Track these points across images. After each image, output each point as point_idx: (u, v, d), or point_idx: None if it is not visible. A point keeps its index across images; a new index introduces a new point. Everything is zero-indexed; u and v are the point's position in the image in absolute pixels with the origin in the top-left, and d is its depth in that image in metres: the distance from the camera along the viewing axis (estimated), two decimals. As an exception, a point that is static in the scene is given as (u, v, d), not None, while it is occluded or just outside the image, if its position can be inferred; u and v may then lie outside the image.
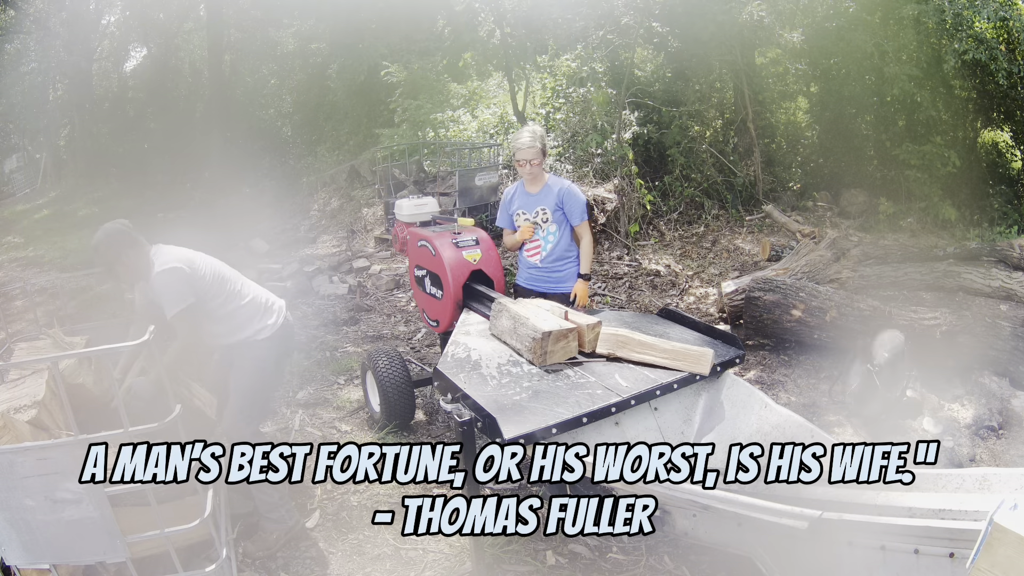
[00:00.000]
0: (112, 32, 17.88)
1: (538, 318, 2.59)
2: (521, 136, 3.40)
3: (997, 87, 7.51)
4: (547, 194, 3.46)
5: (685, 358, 2.46)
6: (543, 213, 3.47)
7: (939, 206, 7.55)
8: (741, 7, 7.35)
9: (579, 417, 2.18)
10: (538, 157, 3.37)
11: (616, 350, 2.53)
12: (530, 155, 3.36)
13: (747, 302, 4.86)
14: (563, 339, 2.49)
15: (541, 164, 3.41)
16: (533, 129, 3.43)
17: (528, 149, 3.36)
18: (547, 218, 3.46)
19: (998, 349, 4.05)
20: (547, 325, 2.50)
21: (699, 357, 2.44)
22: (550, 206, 3.45)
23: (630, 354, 2.52)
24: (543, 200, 3.47)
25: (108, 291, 6.57)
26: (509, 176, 8.87)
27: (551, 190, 3.46)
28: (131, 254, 2.66)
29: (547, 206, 3.46)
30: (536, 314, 2.65)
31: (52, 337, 2.93)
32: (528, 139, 3.37)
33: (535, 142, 3.36)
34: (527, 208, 3.50)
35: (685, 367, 2.45)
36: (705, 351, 2.45)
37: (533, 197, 3.49)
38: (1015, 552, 1.31)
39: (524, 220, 3.50)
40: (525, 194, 3.53)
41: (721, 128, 8.89)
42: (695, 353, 2.45)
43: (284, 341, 2.96)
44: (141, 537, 1.94)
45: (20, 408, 2.28)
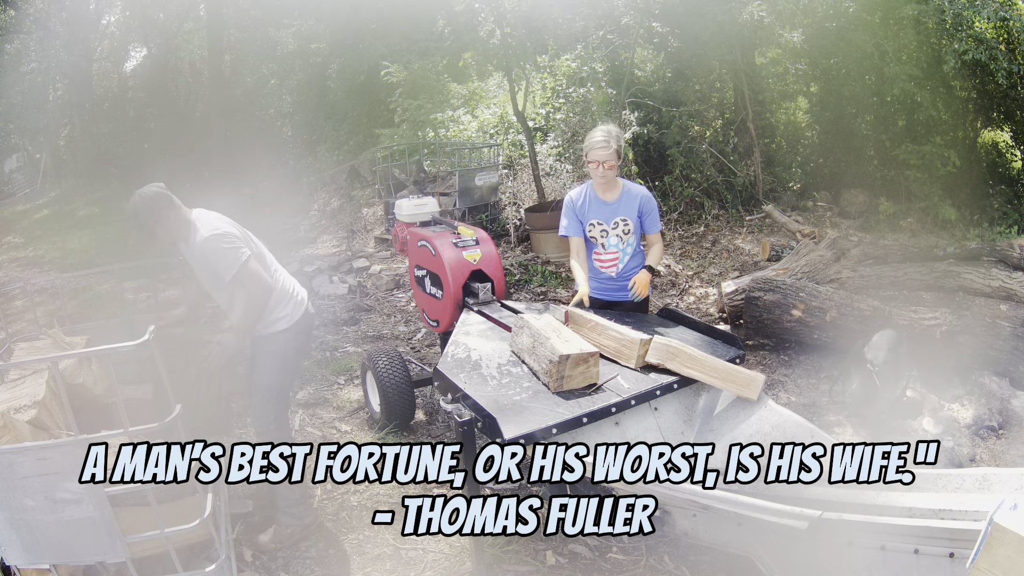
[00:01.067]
0: (112, 32, 17.88)
1: (560, 338, 2.41)
2: (595, 134, 3.01)
3: (997, 87, 7.51)
4: (628, 202, 3.12)
5: (736, 380, 2.36)
6: (624, 224, 3.12)
7: (939, 206, 7.55)
8: (741, 7, 7.34)
9: (579, 417, 2.18)
10: (613, 159, 2.98)
11: (666, 361, 2.44)
12: (604, 156, 2.97)
13: (747, 302, 4.86)
14: (583, 364, 2.32)
15: (616, 167, 3.03)
16: (608, 128, 3.04)
17: (602, 149, 2.97)
18: (628, 229, 3.13)
19: (998, 349, 4.05)
20: (567, 348, 2.32)
21: (749, 381, 2.34)
22: (632, 216, 3.11)
23: (680, 367, 2.42)
24: (624, 210, 3.12)
25: (108, 291, 6.57)
26: (509, 176, 8.87)
27: (632, 198, 3.12)
28: (171, 216, 2.66)
29: (629, 216, 3.11)
30: (559, 333, 2.48)
31: (52, 337, 2.93)
32: (602, 137, 2.98)
33: (610, 141, 2.98)
34: (604, 219, 3.14)
35: (734, 389, 2.37)
36: (756, 376, 2.35)
37: (610, 206, 3.12)
38: (1015, 552, 1.31)
39: (601, 231, 3.17)
40: (599, 202, 3.13)
41: (721, 128, 8.89)
42: (746, 377, 2.35)
43: (305, 333, 2.95)
44: (141, 537, 1.94)
45: (20, 408, 2.27)
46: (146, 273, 6.24)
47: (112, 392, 2.59)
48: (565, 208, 3.22)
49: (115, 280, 6.73)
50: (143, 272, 6.43)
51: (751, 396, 2.34)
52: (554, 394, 2.30)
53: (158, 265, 5.69)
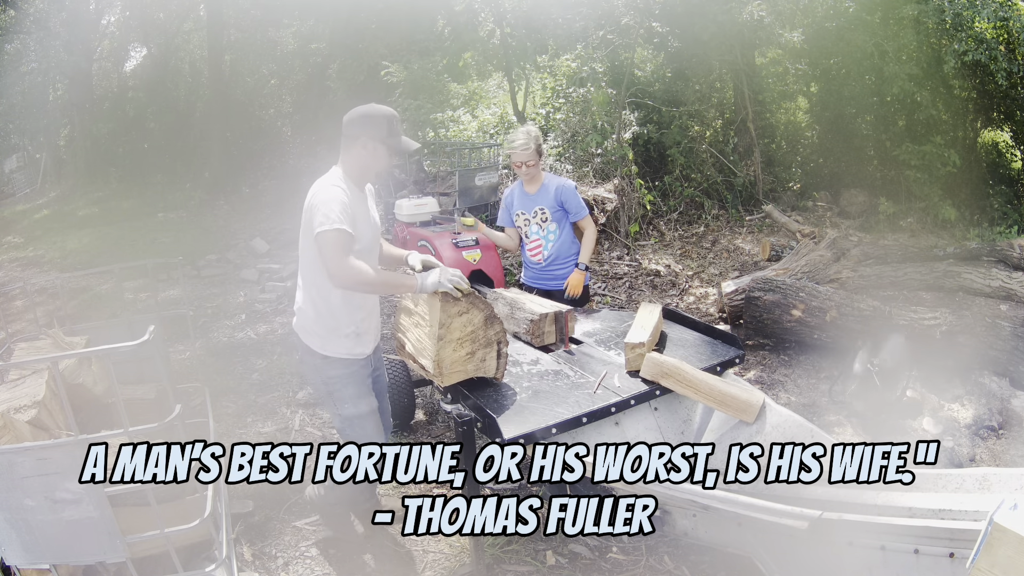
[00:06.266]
0: (112, 32, 17.86)
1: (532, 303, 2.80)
2: (516, 139, 3.40)
3: (997, 87, 7.51)
4: (544, 193, 3.47)
5: (731, 404, 2.30)
6: (542, 213, 3.47)
7: (939, 206, 7.54)
8: (741, 7, 7.34)
9: (579, 417, 2.18)
10: (533, 158, 3.37)
11: (660, 378, 2.39)
12: (524, 156, 3.37)
13: (747, 302, 4.86)
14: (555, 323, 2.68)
15: (537, 165, 3.41)
16: (528, 130, 3.42)
17: (522, 151, 3.36)
18: (546, 217, 3.47)
19: (998, 349, 4.04)
20: (542, 309, 2.72)
21: (745, 407, 2.28)
22: (549, 205, 3.46)
23: (674, 385, 2.38)
24: (541, 200, 3.48)
25: (108, 291, 6.58)
26: (509, 176, 8.87)
27: (548, 189, 3.47)
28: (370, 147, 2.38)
29: (546, 205, 3.46)
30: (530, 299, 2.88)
31: (52, 337, 2.93)
32: (522, 140, 3.36)
33: (529, 143, 3.36)
34: (526, 208, 3.51)
35: (730, 413, 2.32)
36: (751, 402, 2.28)
37: (531, 197, 3.50)
38: (1015, 552, 1.31)
39: (524, 220, 3.52)
40: (524, 194, 3.53)
41: (721, 128, 8.89)
42: (741, 402, 2.29)
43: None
44: (141, 537, 1.94)
45: (20, 408, 2.27)
46: (146, 273, 6.26)
47: (112, 392, 2.59)
48: (501, 203, 3.68)
49: (115, 280, 6.73)
50: (143, 272, 6.45)
51: (747, 419, 2.28)
52: (553, 394, 2.30)
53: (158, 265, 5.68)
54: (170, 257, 3.54)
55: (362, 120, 2.36)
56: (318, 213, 2.21)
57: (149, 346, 1.88)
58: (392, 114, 2.40)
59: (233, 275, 7.38)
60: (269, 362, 4.88)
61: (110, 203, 13.19)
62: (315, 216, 2.21)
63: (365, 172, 2.42)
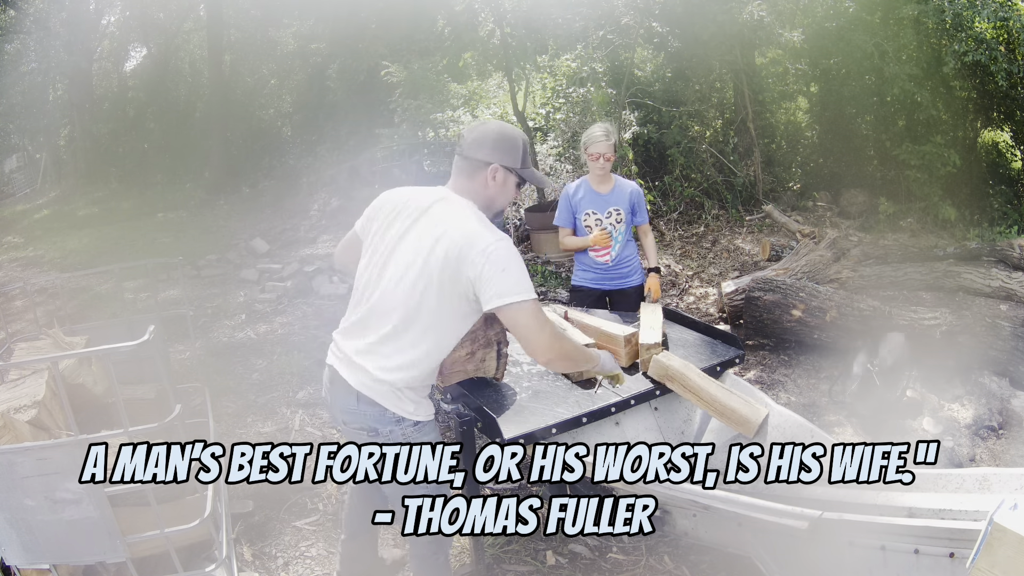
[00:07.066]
0: (112, 32, 17.87)
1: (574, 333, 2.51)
2: (594, 131, 3.29)
3: (997, 87, 7.50)
4: (619, 194, 3.38)
5: (731, 417, 2.26)
6: (616, 213, 3.37)
7: (939, 206, 7.54)
8: (741, 7, 7.35)
9: (579, 417, 2.18)
10: (611, 151, 3.28)
11: (665, 381, 2.37)
12: (604, 148, 3.25)
13: (747, 302, 4.86)
14: None
15: (612, 160, 3.33)
16: (606, 125, 3.35)
17: (602, 142, 3.25)
18: (620, 219, 3.38)
19: (998, 349, 4.05)
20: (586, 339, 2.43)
21: (744, 422, 2.23)
22: (624, 207, 3.37)
23: (677, 389, 2.35)
24: (616, 200, 3.37)
25: (108, 291, 6.58)
26: (509, 176, 8.85)
27: (623, 190, 3.39)
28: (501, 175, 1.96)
29: (621, 207, 3.36)
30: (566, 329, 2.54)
31: (52, 337, 2.93)
32: (602, 132, 3.27)
33: (609, 135, 3.27)
34: (598, 208, 3.37)
35: (729, 425, 2.28)
36: (752, 418, 2.22)
37: (604, 197, 3.37)
38: (1015, 552, 1.31)
39: (595, 220, 3.38)
40: (594, 193, 3.39)
41: (721, 128, 8.89)
42: (741, 416, 2.24)
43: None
44: (141, 537, 1.94)
45: (20, 408, 2.27)
46: (146, 273, 6.27)
47: (112, 392, 2.59)
48: (561, 199, 3.46)
49: (115, 280, 6.73)
50: (143, 272, 6.45)
51: (747, 433, 2.25)
52: (553, 394, 2.30)
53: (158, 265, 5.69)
54: (170, 257, 3.53)
55: (495, 144, 1.92)
56: (508, 277, 1.78)
57: (149, 346, 1.88)
58: (526, 139, 2.03)
59: (233, 275, 7.38)
60: (269, 362, 4.88)
61: (110, 203, 13.20)
62: (501, 278, 1.77)
63: (490, 206, 1.97)
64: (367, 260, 2.00)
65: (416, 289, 1.84)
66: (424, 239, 1.85)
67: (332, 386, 1.99)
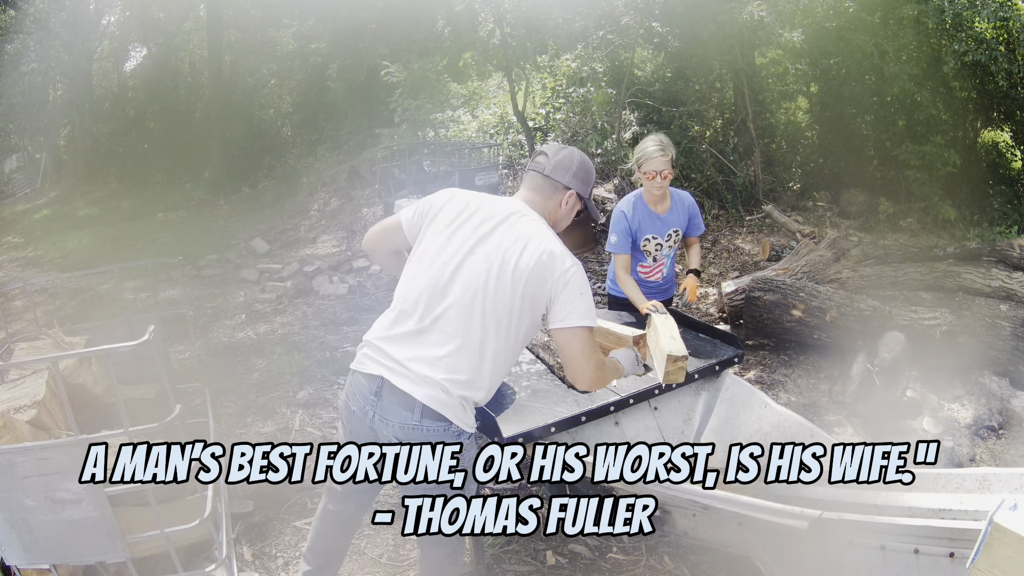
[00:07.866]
0: (112, 32, 17.88)
1: None
2: (648, 144, 2.89)
3: (997, 87, 7.51)
4: (677, 212, 3.04)
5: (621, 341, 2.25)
6: (675, 235, 3.05)
7: (939, 206, 7.55)
8: (741, 7, 7.35)
9: (578, 416, 2.18)
10: (669, 167, 2.87)
11: None
12: (661, 165, 2.85)
13: (747, 302, 4.86)
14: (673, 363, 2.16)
15: (671, 177, 2.93)
16: (660, 138, 2.93)
17: (658, 158, 2.84)
18: (678, 239, 3.09)
19: (998, 349, 4.05)
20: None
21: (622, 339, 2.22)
22: (681, 225, 3.06)
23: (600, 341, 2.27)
24: (674, 221, 3.04)
25: (108, 291, 6.58)
26: (509, 176, 8.88)
27: (680, 206, 3.06)
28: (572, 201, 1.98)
29: (679, 226, 3.05)
30: None
31: (52, 337, 2.93)
32: (656, 147, 2.85)
33: (666, 150, 2.86)
34: (658, 232, 3.03)
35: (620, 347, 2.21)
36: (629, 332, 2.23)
37: (663, 219, 3.01)
38: (1015, 552, 1.31)
39: (655, 245, 3.07)
40: (652, 215, 3.00)
41: (721, 128, 8.89)
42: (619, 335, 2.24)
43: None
44: (141, 537, 1.94)
45: (20, 408, 2.27)
46: (146, 273, 6.26)
47: (112, 392, 2.59)
48: (615, 222, 3.03)
49: (115, 280, 6.73)
50: (143, 272, 6.46)
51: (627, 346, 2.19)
52: (552, 393, 2.30)
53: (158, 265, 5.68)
54: (170, 257, 3.54)
55: (578, 172, 1.94)
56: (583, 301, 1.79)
57: (149, 346, 1.88)
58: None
59: (233, 275, 7.39)
60: (269, 362, 4.88)
61: (110, 203, 13.20)
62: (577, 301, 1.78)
63: (554, 227, 1.96)
64: (428, 261, 1.86)
65: (497, 301, 1.78)
66: (507, 251, 1.79)
67: (380, 399, 1.86)
